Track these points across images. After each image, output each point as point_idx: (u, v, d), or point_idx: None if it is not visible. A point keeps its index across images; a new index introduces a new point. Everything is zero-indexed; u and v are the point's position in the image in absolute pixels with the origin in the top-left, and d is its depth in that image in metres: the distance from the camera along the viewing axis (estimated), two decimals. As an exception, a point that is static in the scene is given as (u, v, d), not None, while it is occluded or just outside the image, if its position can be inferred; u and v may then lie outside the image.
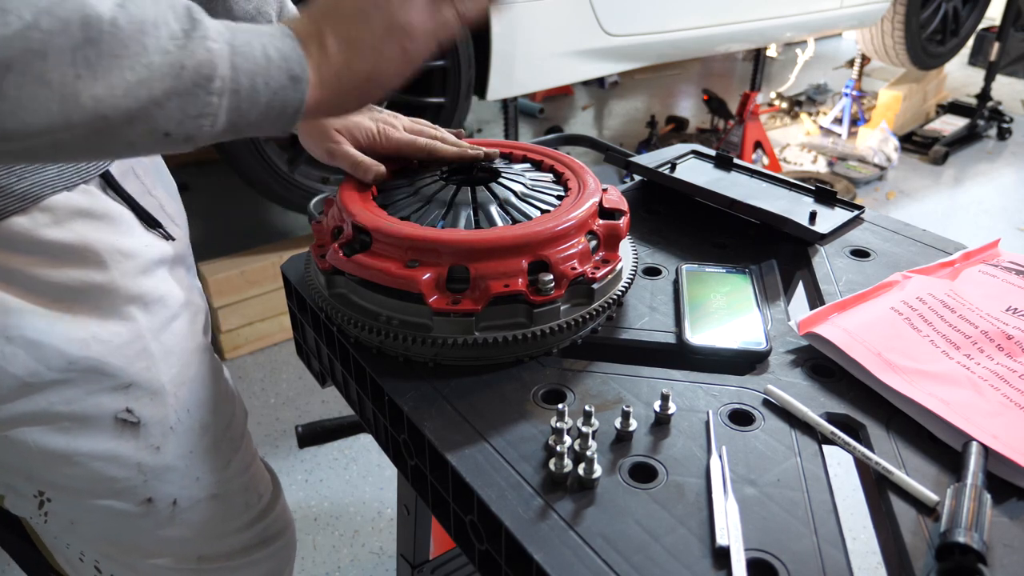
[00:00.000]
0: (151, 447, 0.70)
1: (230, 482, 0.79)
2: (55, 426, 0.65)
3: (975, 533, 0.49)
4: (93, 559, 0.77)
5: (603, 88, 4.52)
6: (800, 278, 0.87)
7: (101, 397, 0.66)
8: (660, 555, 0.50)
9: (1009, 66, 4.73)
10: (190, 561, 0.79)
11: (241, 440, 0.83)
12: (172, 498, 0.73)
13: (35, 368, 0.62)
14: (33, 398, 0.63)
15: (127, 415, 0.68)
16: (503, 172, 0.78)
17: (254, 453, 0.86)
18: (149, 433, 0.70)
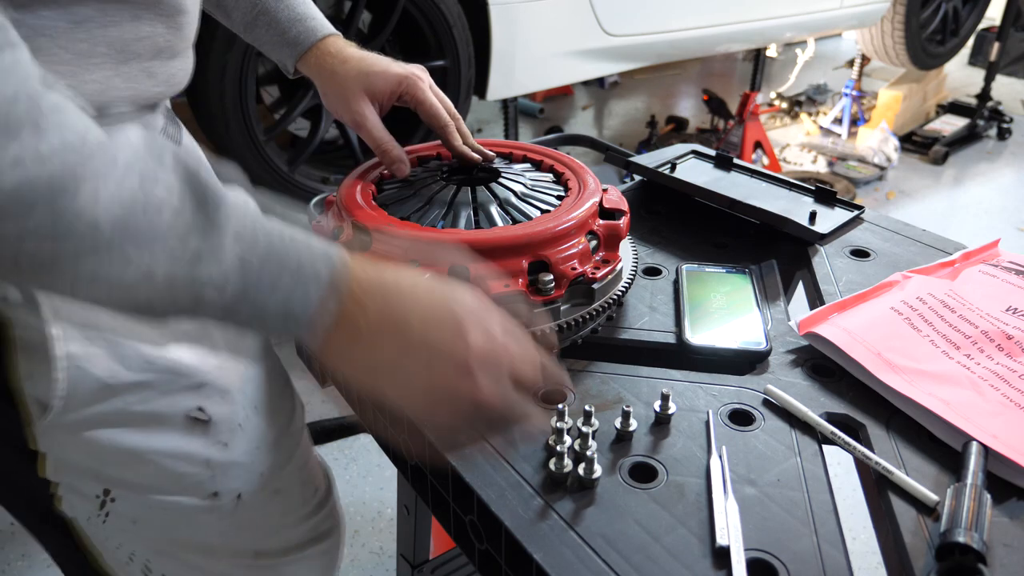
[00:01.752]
0: (220, 443, 0.69)
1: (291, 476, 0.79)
2: (130, 426, 0.64)
3: (975, 533, 0.49)
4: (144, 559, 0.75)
5: (603, 88, 4.51)
6: (800, 278, 0.87)
7: (175, 396, 0.65)
8: (660, 555, 0.50)
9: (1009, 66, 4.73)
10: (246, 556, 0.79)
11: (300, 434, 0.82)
12: (237, 492, 0.72)
13: (115, 369, 0.61)
14: (111, 400, 0.62)
15: (199, 413, 0.67)
16: (503, 172, 0.78)
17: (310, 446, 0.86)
18: (218, 430, 0.69)
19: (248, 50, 1.91)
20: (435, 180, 0.77)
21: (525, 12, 2.27)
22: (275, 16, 0.80)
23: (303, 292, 0.46)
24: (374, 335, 0.48)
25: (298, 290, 0.45)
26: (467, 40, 2.19)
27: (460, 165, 0.81)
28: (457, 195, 0.73)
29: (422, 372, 0.50)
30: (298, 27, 0.80)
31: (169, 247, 0.41)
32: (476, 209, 0.72)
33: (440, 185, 0.75)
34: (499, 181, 0.76)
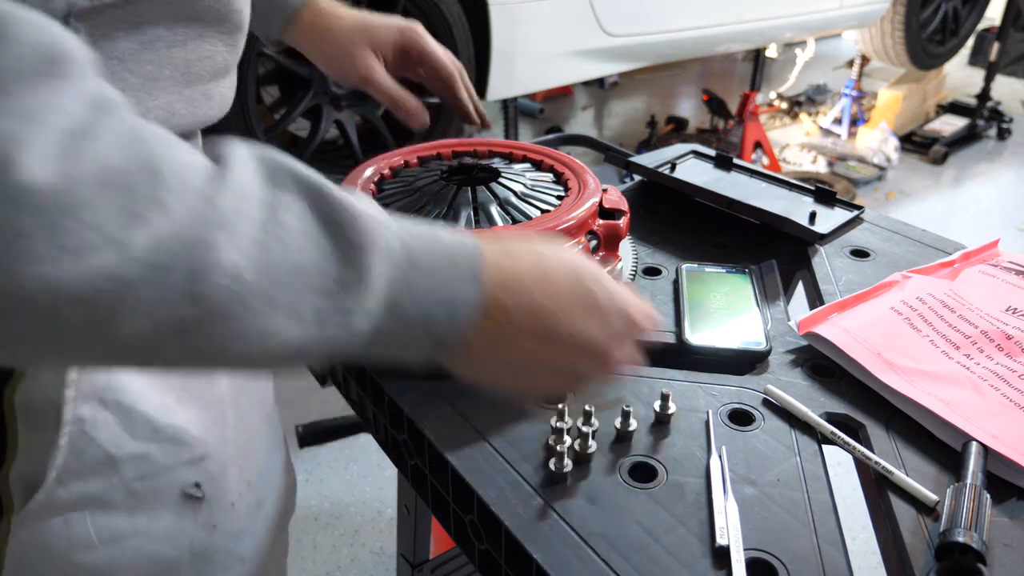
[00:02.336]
0: (208, 525, 0.62)
1: (269, 564, 0.71)
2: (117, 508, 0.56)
3: (974, 533, 0.49)
4: None
5: (603, 88, 4.51)
6: (800, 278, 0.87)
7: (175, 472, 0.58)
8: (660, 555, 0.50)
9: (1009, 66, 4.73)
10: None
11: (287, 517, 0.75)
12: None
13: (121, 438, 0.54)
14: (109, 476, 0.54)
15: (194, 490, 0.60)
16: (503, 172, 0.78)
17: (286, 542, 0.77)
18: (210, 510, 0.62)
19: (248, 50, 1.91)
20: (435, 180, 0.77)
21: (525, 12, 2.27)
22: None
23: (448, 310, 0.42)
24: (517, 333, 0.45)
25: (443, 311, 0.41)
26: (467, 40, 2.19)
27: (460, 165, 0.81)
28: (457, 195, 0.73)
29: (564, 362, 0.48)
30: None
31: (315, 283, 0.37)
32: (476, 209, 0.72)
33: (440, 185, 0.75)
34: (499, 181, 0.76)
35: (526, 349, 0.45)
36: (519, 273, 0.45)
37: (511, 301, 0.44)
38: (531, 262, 0.46)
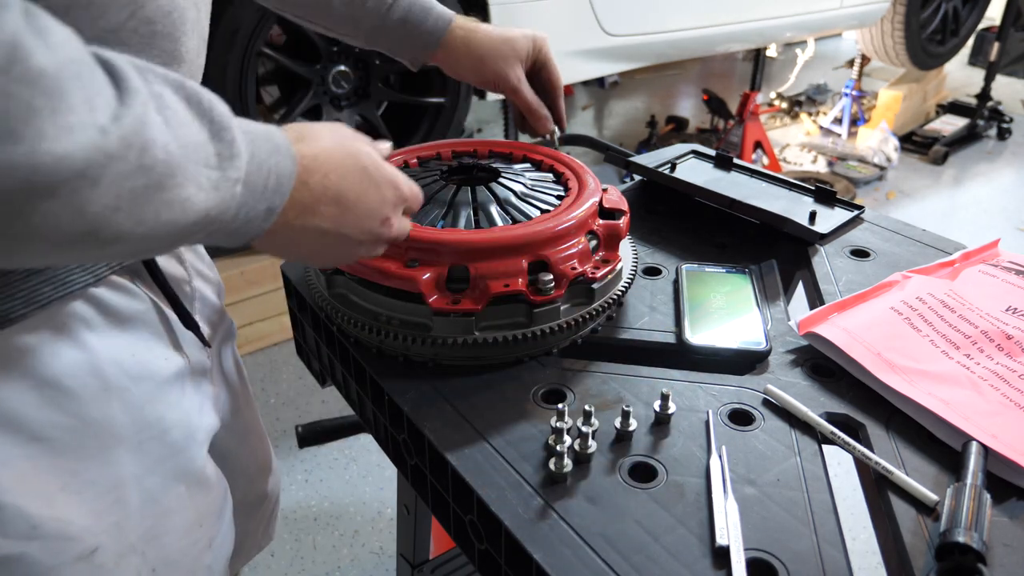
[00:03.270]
0: None
1: None
2: None
3: (975, 533, 0.49)
4: None
5: (603, 88, 4.51)
6: (800, 278, 0.87)
7: (62, 571, 0.53)
8: (660, 555, 0.50)
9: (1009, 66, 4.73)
10: None
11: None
12: None
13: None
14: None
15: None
16: (503, 172, 0.78)
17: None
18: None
19: (248, 50, 1.91)
20: (435, 180, 0.77)
21: (525, 12, 2.27)
22: (409, 11, 0.80)
23: (279, 187, 0.48)
24: (317, 202, 0.52)
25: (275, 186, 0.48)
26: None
27: (460, 165, 0.81)
28: (457, 195, 0.73)
29: (354, 232, 0.55)
30: (432, 16, 0.81)
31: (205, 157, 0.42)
32: (476, 209, 0.72)
33: (440, 185, 0.75)
34: (499, 181, 0.76)
35: (324, 216, 0.52)
36: (315, 154, 0.52)
37: (311, 178, 0.51)
38: (323, 146, 0.53)
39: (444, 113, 2.28)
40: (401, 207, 0.59)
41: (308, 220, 0.52)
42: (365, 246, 0.57)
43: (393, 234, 0.59)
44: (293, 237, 0.52)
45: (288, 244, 0.53)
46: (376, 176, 0.56)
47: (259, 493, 0.87)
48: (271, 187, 0.47)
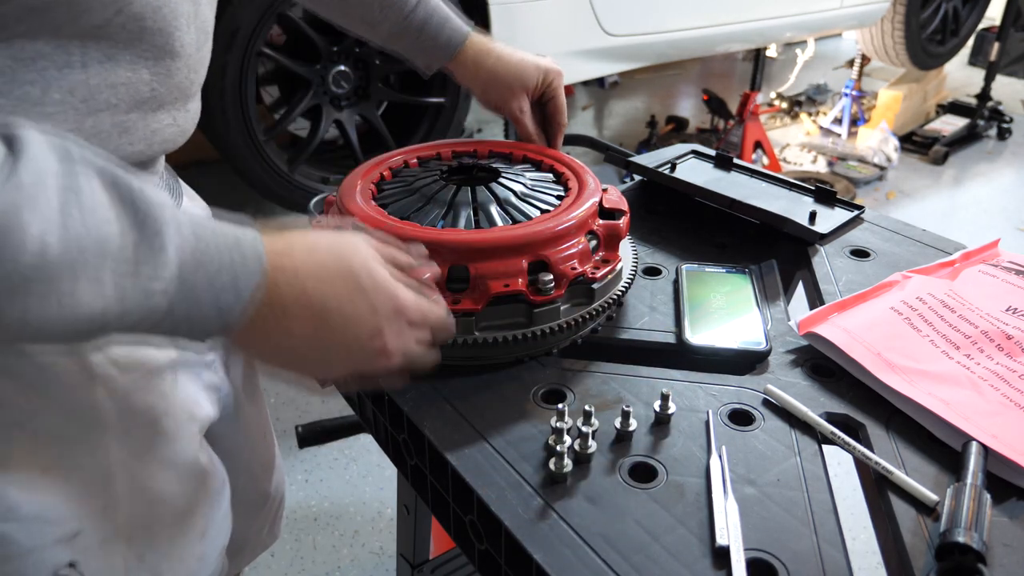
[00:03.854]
0: None
1: None
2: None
3: (975, 533, 0.49)
4: None
5: (603, 88, 4.51)
6: (800, 278, 0.87)
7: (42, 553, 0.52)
8: (660, 555, 0.50)
9: (1009, 66, 4.73)
10: None
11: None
12: None
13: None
14: None
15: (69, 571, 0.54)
16: (503, 172, 0.78)
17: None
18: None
19: (248, 50, 1.91)
20: (435, 180, 0.77)
21: (525, 12, 2.27)
22: (427, 21, 0.81)
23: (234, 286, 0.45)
24: (291, 319, 0.48)
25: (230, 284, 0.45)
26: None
27: (460, 165, 0.81)
28: (457, 195, 0.73)
29: (337, 344, 0.51)
30: (448, 28, 0.82)
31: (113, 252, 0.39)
32: (476, 209, 0.72)
33: (440, 185, 0.75)
34: (499, 181, 0.76)
35: (299, 322, 0.48)
36: (291, 254, 0.48)
37: (282, 278, 0.47)
38: (306, 250, 0.49)
39: (444, 113, 2.28)
40: (401, 322, 0.53)
41: (280, 325, 0.48)
42: (353, 361, 0.52)
43: (390, 349, 0.52)
44: (268, 342, 0.48)
45: (265, 349, 0.50)
46: (367, 284, 0.51)
47: (262, 492, 0.86)
48: (220, 285, 0.44)
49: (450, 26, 0.83)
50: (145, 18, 0.49)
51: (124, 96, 0.51)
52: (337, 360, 0.52)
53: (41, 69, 0.45)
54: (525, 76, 0.84)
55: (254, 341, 0.48)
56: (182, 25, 0.54)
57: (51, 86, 0.46)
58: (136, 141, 0.53)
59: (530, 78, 0.84)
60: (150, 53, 0.51)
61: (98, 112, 0.49)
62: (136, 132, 0.53)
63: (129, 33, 0.49)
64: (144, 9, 0.49)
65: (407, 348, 0.54)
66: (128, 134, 0.52)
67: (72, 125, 0.48)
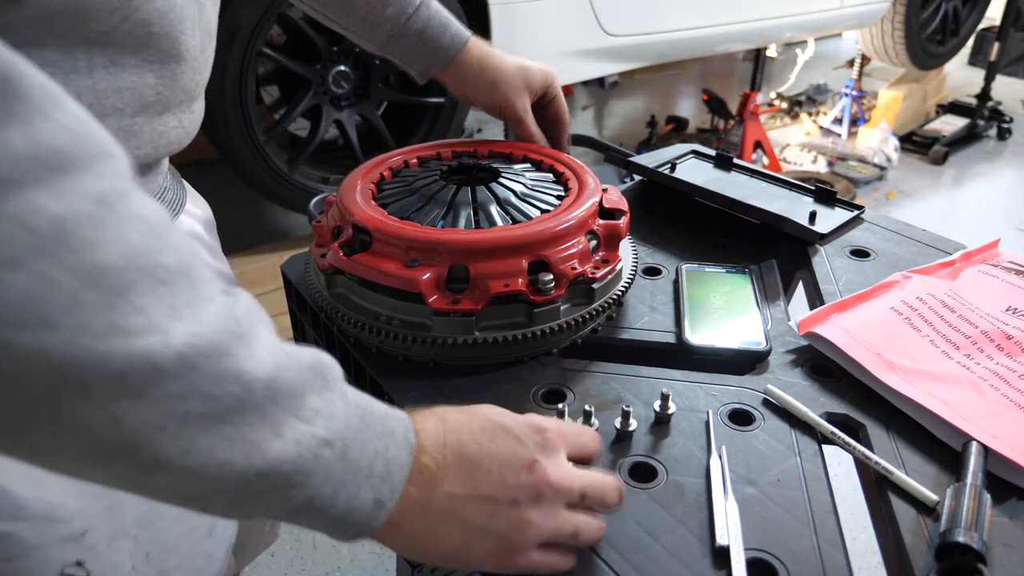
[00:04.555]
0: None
1: None
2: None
3: (975, 533, 0.49)
4: None
5: (603, 88, 4.51)
6: (800, 278, 0.87)
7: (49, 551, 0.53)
8: (660, 555, 0.50)
9: (1009, 66, 4.73)
10: None
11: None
12: None
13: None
14: None
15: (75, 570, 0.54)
16: (503, 172, 0.78)
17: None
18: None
19: (248, 50, 1.91)
20: (435, 180, 0.77)
21: (525, 12, 2.27)
22: (429, 23, 0.81)
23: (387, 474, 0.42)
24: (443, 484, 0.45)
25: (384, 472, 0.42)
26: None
27: (460, 165, 0.81)
28: (457, 195, 0.73)
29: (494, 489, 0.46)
30: (449, 32, 0.82)
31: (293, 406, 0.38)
32: (476, 209, 0.72)
33: (440, 185, 0.75)
34: (499, 181, 0.76)
35: (452, 481, 0.45)
36: (432, 427, 0.46)
37: (428, 449, 0.45)
38: (444, 417, 0.48)
39: (444, 113, 2.28)
40: (553, 449, 0.48)
41: (435, 492, 0.44)
42: (522, 507, 0.45)
43: (551, 479, 0.46)
44: (426, 521, 0.44)
45: (424, 532, 0.44)
46: (506, 422, 0.48)
47: None
48: (378, 472, 0.41)
49: (452, 29, 0.83)
50: (151, 24, 0.50)
51: (130, 100, 0.51)
52: (506, 511, 0.45)
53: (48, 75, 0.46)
54: (530, 76, 0.85)
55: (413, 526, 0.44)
56: (187, 29, 0.54)
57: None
58: (143, 144, 0.54)
59: (534, 78, 0.85)
60: (156, 57, 0.52)
61: (104, 117, 0.49)
62: (142, 136, 0.53)
63: (136, 39, 0.49)
64: (151, 15, 0.49)
65: (571, 475, 0.48)
66: (135, 138, 0.53)
67: None
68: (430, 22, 0.81)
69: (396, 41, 0.82)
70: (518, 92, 0.83)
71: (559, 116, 0.88)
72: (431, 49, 0.82)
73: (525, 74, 0.84)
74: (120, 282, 0.32)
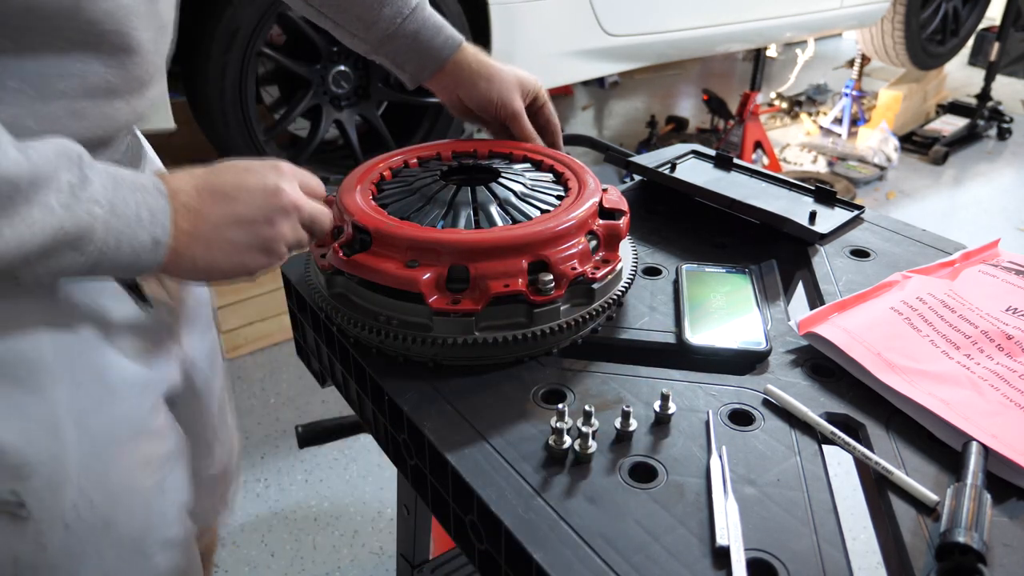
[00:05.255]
0: (36, 543, 0.60)
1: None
2: None
3: (975, 533, 0.49)
4: None
5: (603, 88, 4.51)
6: (800, 278, 0.87)
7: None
8: (660, 555, 0.50)
9: (1009, 66, 4.73)
10: None
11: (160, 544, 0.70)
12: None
13: None
14: None
15: (16, 509, 0.58)
16: (503, 172, 0.78)
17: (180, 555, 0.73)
18: (37, 529, 0.60)
19: (248, 50, 1.91)
20: (435, 180, 0.77)
21: (525, 12, 2.26)
22: (424, 24, 0.82)
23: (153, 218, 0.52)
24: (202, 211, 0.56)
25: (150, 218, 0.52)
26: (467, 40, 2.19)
27: (460, 165, 0.81)
28: (457, 195, 0.73)
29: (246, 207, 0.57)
30: (443, 34, 0.83)
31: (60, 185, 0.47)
32: (476, 209, 0.72)
33: (440, 185, 0.75)
34: (499, 181, 0.76)
35: (213, 210, 0.56)
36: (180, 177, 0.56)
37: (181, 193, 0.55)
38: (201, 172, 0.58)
39: (444, 113, 2.28)
40: (290, 180, 0.60)
41: (200, 223, 0.55)
42: (273, 224, 0.58)
43: (294, 199, 0.60)
44: (200, 247, 0.55)
45: (201, 256, 0.55)
46: (249, 163, 0.59)
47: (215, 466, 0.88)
48: (146, 218, 0.52)
49: (446, 32, 0.83)
50: (101, 22, 0.53)
51: (77, 86, 0.54)
52: (259, 228, 0.58)
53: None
54: (522, 78, 0.86)
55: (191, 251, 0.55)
56: (138, 25, 0.56)
57: (6, 75, 0.51)
58: (91, 126, 0.57)
59: (526, 81, 0.87)
60: (106, 50, 0.55)
61: (52, 99, 0.53)
62: (90, 117, 0.57)
63: (85, 34, 0.53)
64: (96, 15, 0.52)
65: (310, 205, 0.61)
66: (83, 119, 0.56)
67: (27, 110, 0.52)
68: (425, 24, 0.82)
69: (390, 41, 0.82)
70: (514, 90, 0.85)
71: (550, 120, 0.89)
72: (424, 50, 0.83)
73: (518, 76, 0.86)
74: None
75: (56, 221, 0.47)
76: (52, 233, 0.47)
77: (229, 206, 0.57)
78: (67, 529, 0.61)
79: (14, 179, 0.45)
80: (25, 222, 0.45)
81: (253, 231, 0.57)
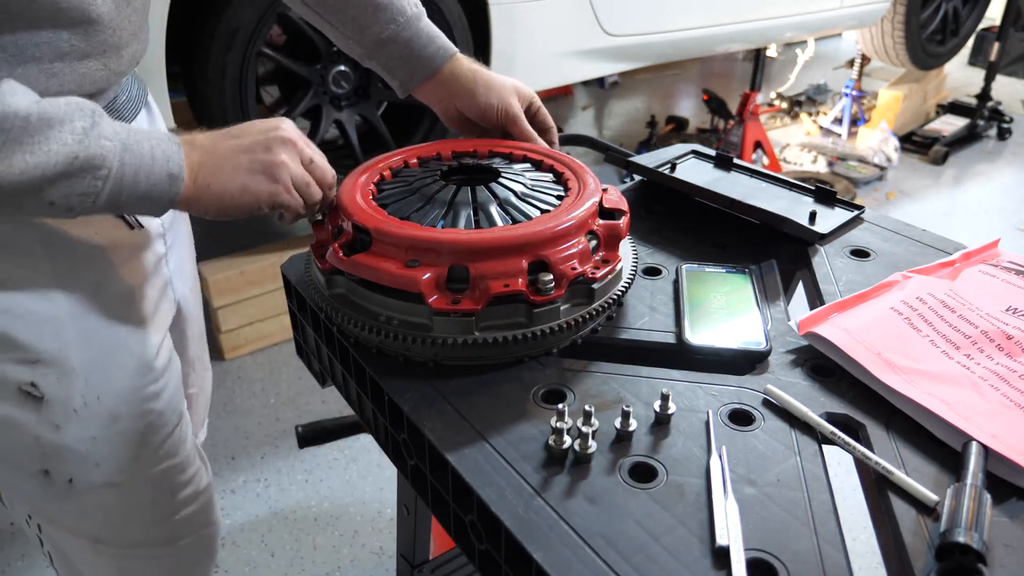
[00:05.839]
0: (51, 424, 0.70)
1: (134, 475, 0.78)
2: None
3: (975, 533, 0.49)
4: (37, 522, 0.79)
5: (603, 88, 4.51)
6: (800, 278, 0.87)
7: (5, 366, 0.67)
8: (660, 555, 0.50)
9: (1009, 66, 4.73)
10: (88, 539, 0.80)
11: (165, 437, 0.80)
12: (68, 476, 0.73)
13: None
14: None
15: (31, 388, 0.68)
16: (503, 172, 0.78)
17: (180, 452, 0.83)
18: (51, 411, 0.70)
19: (248, 50, 1.91)
20: (435, 180, 0.77)
21: (525, 12, 2.27)
22: (418, 32, 0.83)
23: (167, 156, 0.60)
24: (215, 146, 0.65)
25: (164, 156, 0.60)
26: (467, 40, 2.19)
27: (460, 165, 0.81)
28: (457, 195, 0.73)
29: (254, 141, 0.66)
30: (436, 44, 0.85)
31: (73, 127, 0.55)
32: (476, 209, 0.72)
33: (440, 185, 0.75)
34: (499, 181, 0.76)
35: (226, 144, 0.65)
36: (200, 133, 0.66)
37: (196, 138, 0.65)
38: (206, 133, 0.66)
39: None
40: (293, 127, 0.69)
41: (209, 155, 0.64)
42: (271, 150, 0.66)
43: (293, 136, 0.68)
44: (210, 170, 0.63)
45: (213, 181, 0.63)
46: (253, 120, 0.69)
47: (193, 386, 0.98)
48: (160, 157, 0.60)
49: (439, 42, 0.85)
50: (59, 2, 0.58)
51: (47, 51, 0.60)
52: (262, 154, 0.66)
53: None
54: (517, 84, 0.89)
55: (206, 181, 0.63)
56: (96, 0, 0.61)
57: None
58: (65, 84, 0.62)
59: (522, 88, 0.89)
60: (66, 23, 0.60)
61: (26, 63, 0.59)
62: (64, 77, 0.62)
63: (47, 11, 0.58)
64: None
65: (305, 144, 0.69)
66: (56, 79, 0.62)
67: (5, 72, 0.58)
68: (419, 33, 0.84)
69: (384, 47, 0.84)
70: (511, 95, 0.87)
71: (546, 122, 0.91)
72: (416, 58, 0.84)
73: (513, 82, 0.88)
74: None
75: (70, 151, 0.54)
76: (66, 160, 0.54)
77: (235, 140, 0.66)
78: (76, 415, 0.71)
79: (25, 114, 0.52)
80: (42, 149, 0.53)
81: (254, 156, 0.65)
